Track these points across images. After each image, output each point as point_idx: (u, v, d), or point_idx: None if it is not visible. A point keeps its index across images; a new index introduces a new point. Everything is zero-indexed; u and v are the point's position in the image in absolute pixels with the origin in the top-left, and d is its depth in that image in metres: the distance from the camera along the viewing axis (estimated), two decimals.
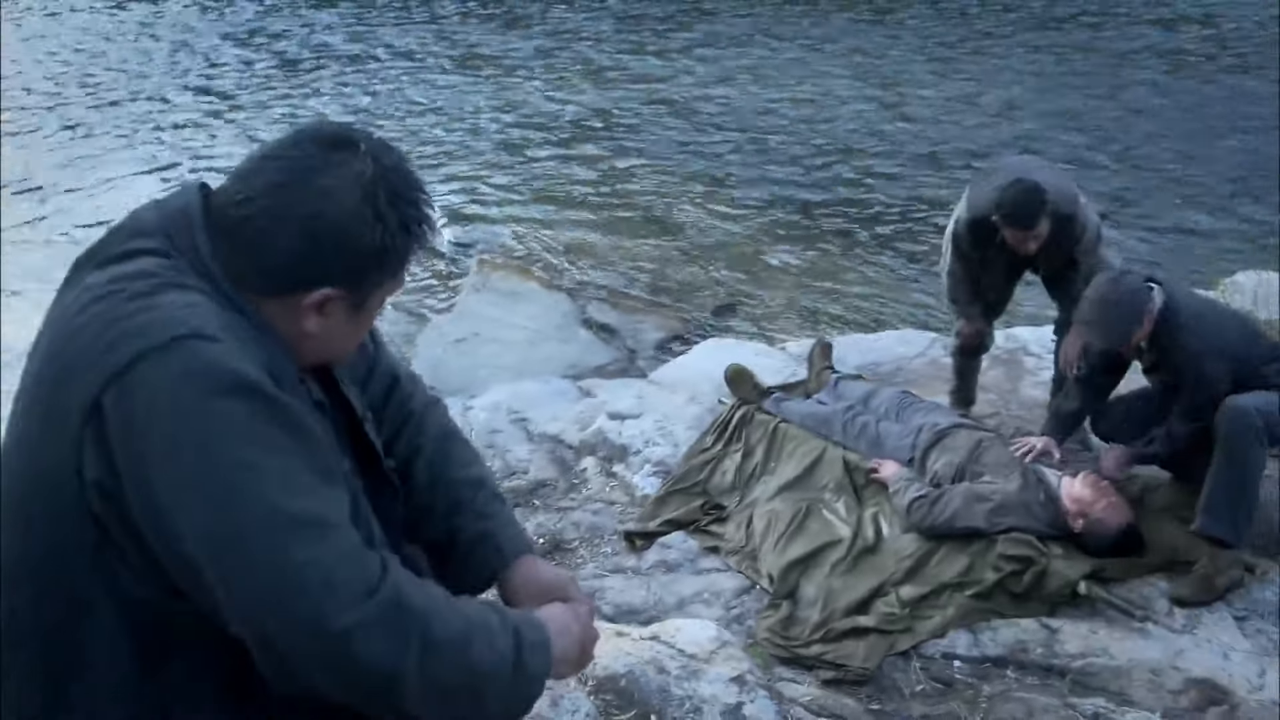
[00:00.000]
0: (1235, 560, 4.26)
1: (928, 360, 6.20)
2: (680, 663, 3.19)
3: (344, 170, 1.52)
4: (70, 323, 1.49)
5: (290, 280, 1.53)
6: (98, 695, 1.52)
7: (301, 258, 1.52)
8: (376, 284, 1.59)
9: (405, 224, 1.57)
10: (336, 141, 1.55)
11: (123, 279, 1.49)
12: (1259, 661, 3.99)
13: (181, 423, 1.39)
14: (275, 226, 1.51)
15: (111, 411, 1.39)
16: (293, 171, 1.52)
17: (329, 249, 1.52)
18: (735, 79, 14.38)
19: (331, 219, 1.51)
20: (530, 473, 5.30)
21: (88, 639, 1.50)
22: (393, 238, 1.55)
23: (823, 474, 4.94)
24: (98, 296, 1.48)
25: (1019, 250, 4.84)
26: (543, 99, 13.50)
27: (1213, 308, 4.63)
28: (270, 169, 1.53)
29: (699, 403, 5.67)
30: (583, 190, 10.62)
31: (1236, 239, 9.54)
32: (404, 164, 1.60)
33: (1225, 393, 4.23)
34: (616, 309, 7.84)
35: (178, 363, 1.40)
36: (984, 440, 4.79)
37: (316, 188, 1.50)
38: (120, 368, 1.40)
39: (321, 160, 1.52)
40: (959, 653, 4.06)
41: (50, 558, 1.48)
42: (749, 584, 4.47)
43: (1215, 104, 13.17)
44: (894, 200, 10.42)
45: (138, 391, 1.39)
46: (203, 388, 1.39)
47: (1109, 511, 4.37)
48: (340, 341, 1.65)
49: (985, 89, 13.80)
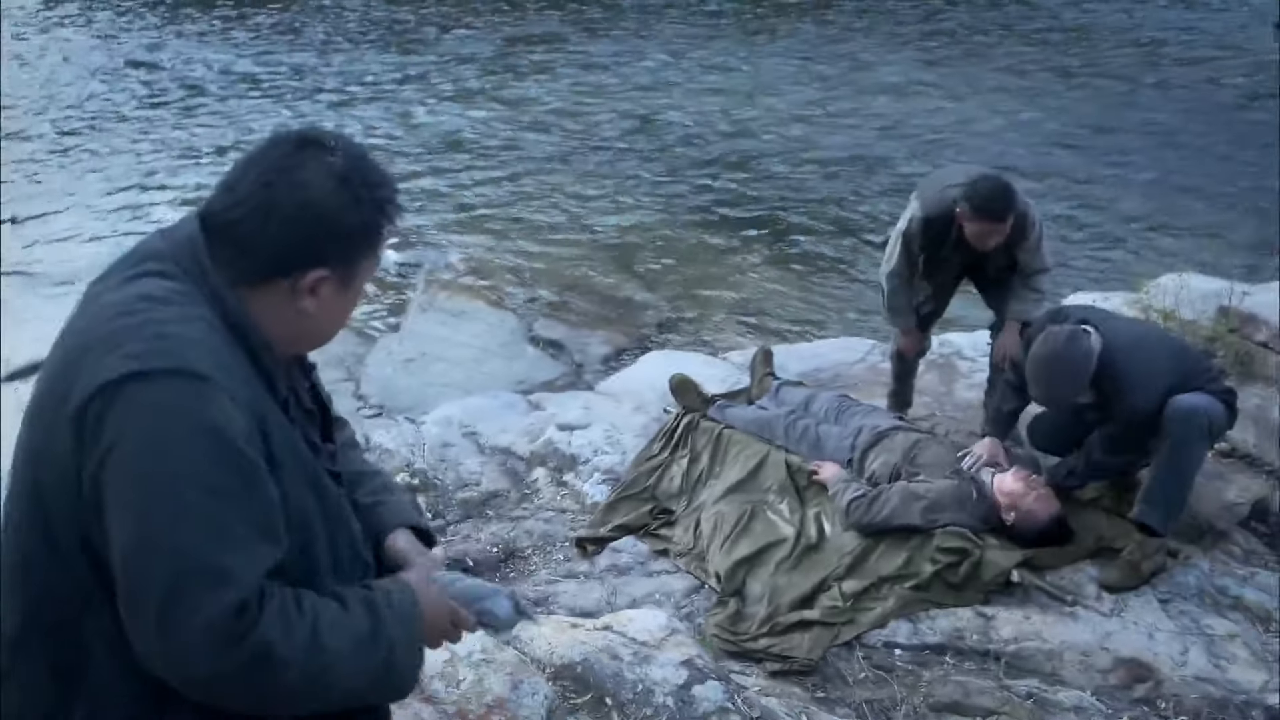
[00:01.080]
0: (1160, 546, 4.47)
1: (867, 366, 6.38)
2: (632, 650, 3.35)
3: (318, 164, 1.69)
4: (80, 338, 1.62)
5: (287, 265, 1.68)
6: (100, 692, 1.63)
7: (294, 242, 1.68)
8: (360, 261, 1.75)
9: (379, 204, 1.74)
10: (306, 141, 1.72)
11: (134, 299, 1.62)
12: (1182, 640, 4.20)
13: (144, 449, 1.52)
14: (266, 219, 1.67)
15: (92, 417, 1.53)
16: (273, 171, 1.68)
17: (318, 231, 1.68)
18: (667, 92, 14.53)
19: (316, 205, 1.67)
20: (482, 484, 5.41)
21: (90, 636, 1.61)
22: (372, 216, 1.73)
23: (766, 476, 5.10)
24: (110, 315, 1.61)
25: (979, 246, 4.91)
26: (468, 120, 13.54)
27: (1144, 340, 4.66)
28: (253, 173, 1.69)
29: (645, 412, 5.81)
30: (524, 210, 10.70)
31: (1167, 241, 9.88)
32: (369, 155, 1.78)
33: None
34: (562, 325, 7.99)
35: (160, 394, 1.53)
36: (920, 441, 4.97)
37: (297, 181, 1.67)
38: (109, 381, 1.53)
39: (297, 158, 1.69)
40: (900, 641, 4.23)
41: (53, 556, 1.60)
42: (698, 584, 4.62)
43: (1156, 112, 13.52)
44: (830, 212, 10.62)
45: (118, 408, 1.52)
46: (173, 425, 1.52)
47: (1038, 503, 4.57)
48: (332, 322, 1.79)
49: (912, 98, 14.08)
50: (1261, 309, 6.10)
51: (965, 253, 5.03)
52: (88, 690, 1.63)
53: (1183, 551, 4.59)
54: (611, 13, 18.64)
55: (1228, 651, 4.17)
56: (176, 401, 1.53)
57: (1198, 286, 6.35)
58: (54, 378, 1.62)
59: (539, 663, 3.31)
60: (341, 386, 6.93)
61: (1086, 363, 4.32)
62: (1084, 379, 4.35)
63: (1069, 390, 4.41)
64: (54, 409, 1.58)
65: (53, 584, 1.61)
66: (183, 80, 15.18)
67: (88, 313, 1.66)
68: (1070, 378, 4.35)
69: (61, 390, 1.57)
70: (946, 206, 4.91)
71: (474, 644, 3.28)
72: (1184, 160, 12.04)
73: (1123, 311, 5.95)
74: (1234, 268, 6.34)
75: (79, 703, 1.63)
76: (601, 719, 3.16)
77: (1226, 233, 9.87)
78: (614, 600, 4.45)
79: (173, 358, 1.54)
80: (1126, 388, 4.38)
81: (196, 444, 1.52)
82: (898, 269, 5.18)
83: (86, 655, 1.62)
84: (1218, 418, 4.44)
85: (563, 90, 14.67)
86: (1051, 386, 4.42)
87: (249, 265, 1.68)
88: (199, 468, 1.52)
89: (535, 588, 4.56)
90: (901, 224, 5.15)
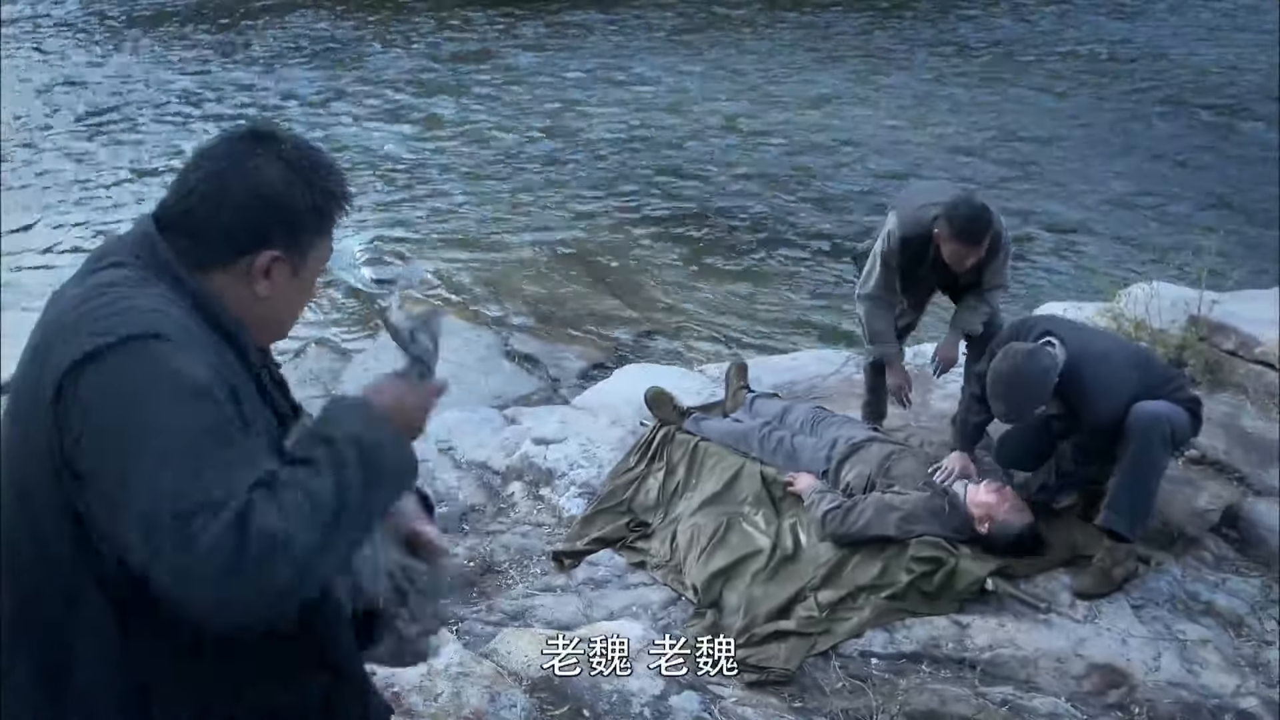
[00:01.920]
0: (1130, 552, 4.50)
1: (842, 378, 6.41)
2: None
3: (269, 152, 1.76)
4: (47, 331, 1.67)
5: (237, 246, 1.74)
6: (87, 691, 1.64)
7: (246, 225, 1.73)
8: (311, 244, 1.80)
9: (329, 189, 1.80)
10: (257, 134, 1.79)
11: (96, 286, 1.67)
12: (1155, 646, 4.23)
13: (114, 405, 1.54)
14: (218, 204, 1.73)
15: (69, 394, 1.56)
16: (224, 161, 1.75)
17: (268, 214, 1.74)
18: (638, 102, 14.58)
19: (267, 188, 1.73)
20: (459, 499, 5.42)
21: (76, 635, 1.63)
22: (321, 200, 1.79)
23: (742, 488, 5.12)
24: (74, 305, 1.66)
25: (955, 266, 4.94)
26: (420, 135, 13.53)
27: (1109, 350, 4.69)
28: (205, 164, 1.76)
29: (621, 425, 5.83)
30: (497, 225, 10.74)
31: (1138, 251, 9.98)
32: (318, 147, 1.85)
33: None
34: (538, 339, 8.00)
35: (126, 357, 1.56)
36: (894, 453, 5.00)
37: (249, 167, 1.74)
38: (81, 357, 1.56)
39: (247, 149, 1.76)
40: (876, 651, 4.26)
41: (40, 555, 1.63)
42: (675, 596, 4.64)
43: (1128, 124, 13.65)
44: (808, 225, 10.67)
45: (91, 378, 1.55)
46: (141, 378, 1.56)
47: (1011, 513, 4.60)
48: (287, 308, 1.84)
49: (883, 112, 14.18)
50: (1230, 318, 6.18)
51: (941, 271, 5.06)
52: (75, 690, 1.65)
53: (1155, 558, 4.63)
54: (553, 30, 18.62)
55: (1200, 656, 4.21)
56: (141, 359, 1.56)
57: (1167, 294, 6.42)
58: (26, 374, 1.66)
59: (517, 675, 3.32)
60: (319, 403, 6.90)
61: (1047, 377, 4.36)
62: (1044, 394, 4.39)
63: (1029, 406, 4.46)
64: (29, 402, 1.61)
65: (40, 584, 1.64)
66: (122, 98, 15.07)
67: (53, 309, 1.71)
68: (1030, 393, 4.40)
69: (34, 383, 1.61)
70: (925, 226, 4.93)
71: (452, 658, 3.30)
72: (1141, 169, 12.19)
73: (1094, 321, 6.02)
74: (1205, 276, 6.38)
75: (66, 703, 1.65)
76: None
77: (1195, 241, 9.97)
78: (591, 613, 4.46)
79: (135, 325, 1.59)
80: (1091, 398, 4.43)
81: (165, 390, 1.54)
82: (876, 290, 5.16)
83: (73, 655, 1.64)
84: (1179, 425, 4.48)
85: (516, 104, 14.65)
86: (1011, 402, 4.45)
87: (204, 251, 1.73)
88: (171, 410, 1.53)
89: (512, 601, 4.57)
90: (879, 245, 5.13)
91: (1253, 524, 4.83)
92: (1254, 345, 6.00)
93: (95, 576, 1.60)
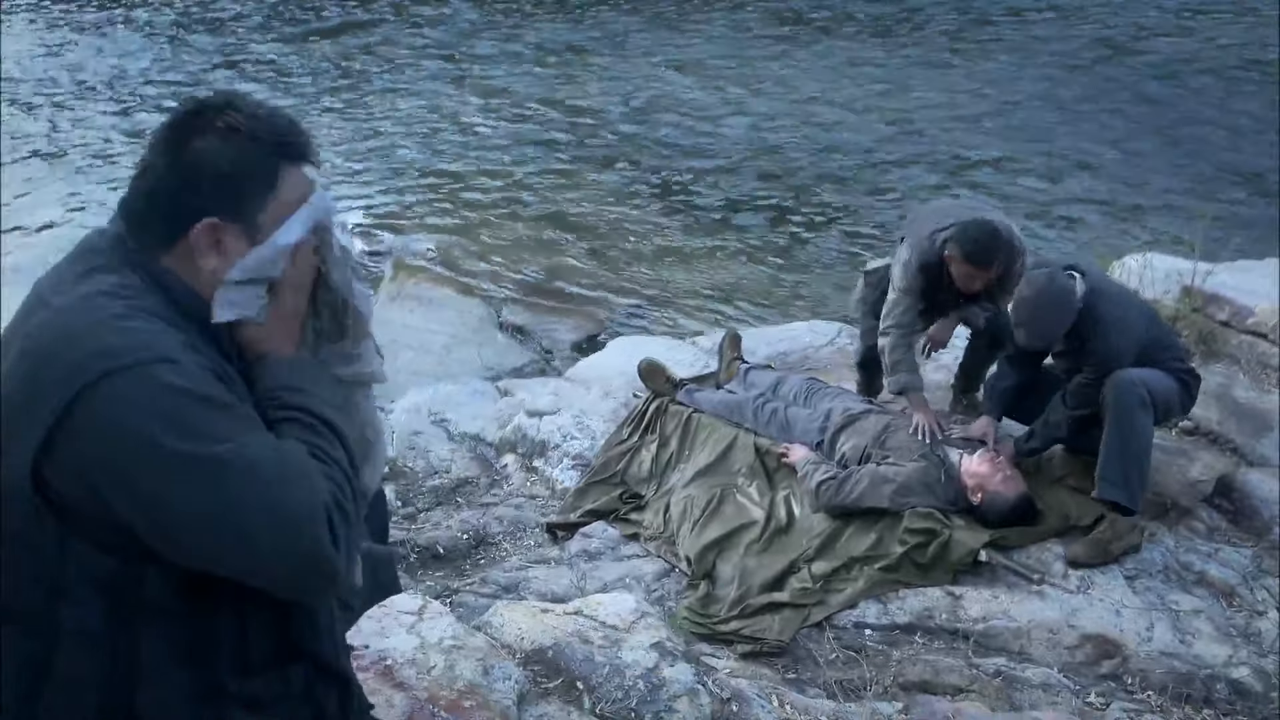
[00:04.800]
0: (1132, 527, 4.50)
1: (835, 349, 6.39)
2: (603, 634, 3.36)
3: (205, 123, 1.69)
4: (37, 339, 1.62)
5: (175, 222, 1.68)
6: (70, 681, 1.63)
7: (179, 196, 1.68)
8: (257, 203, 1.72)
9: (271, 144, 1.72)
10: (196, 108, 1.72)
11: (84, 299, 1.63)
12: (1148, 616, 4.24)
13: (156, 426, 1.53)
14: (154, 189, 1.69)
15: (81, 416, 1.53)
16: (162, 144, 1.70)
17: (200, 180, 1.67)
18: (629, 83, 14.53)
19: (201, 155, 1.67)
20: (452, 471, 5.42)
21: (63, 620, 1.61)
22: (262, 156, 1.71)
23: (735, 460, 5.12)
24: (66, 318, 1.62)
25: (965, 288, 4.91)
26: (438, 108, 13.50)
27: (1125, 294, 4.75)
28: (156, 148, 1.71)
29: (614, 397, 5.82)
30: (491, 197, 10.72)
31: (1128, 222, 9.98)
32: (269, 107, 1.77)
33: None
34: (530, 311, 7.99)
35: (144, 380, 1.54)
36: (891, 424, 4.99)
37: (181, 143, 1.69)
38: (90, 381, 1.53)
39: (184, 124, 1.70)
40: (869, 622, 4.27)
41: (23, 546, 1.61)
42: (669, 567, 4.64)
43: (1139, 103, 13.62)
44: (800, 198, 10.66)
45: (104, 402, 1.53)
46: (168, 398, 1.54)
47: (1005, 484, 4.60)
48: None
49: (885, 90, 14.13)
50: (1224, 288, 6.18)
51: (956, 291, 5.00)
52: (56, 679, 1.63)
53: (1148, 529, 4.63)
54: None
55: (1193, 627, 4.22)
56: (162, 384, 1.54)
57: (1161, 265, 6.42)
58: (11, 384, 1.62)
59: (510, 648, 3.32)
60: None
61: (1069, 299, 4.40)
62: (1068, 316, 4.41)
63: (1054, 327, 4.46)
64: (12, 416, 1.59)
65: (21, 575, 1.62)
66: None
67: (38, 317, 1.66)
68: (1054, 315, 4.43)
69: (23, 396, 1.58)
70: (938, 250, 4.85)
71: (445, 630, 3.29)
72: (1136, 140, 12.17)
73: None
74: (1199, 247, 6.39)
75: (47, 691, 1.64)
76: (573, 703, 3.17)
77: (1190, 211, 9.97)
78: (584, 585, 4.46)
79: (140, 349, 1.56)
80: (1104, 330, 4.44)
81: (196, 407, 1.55)
82: (901, 321, 5.04)
83: (55, 645, 1.62)
84: (1160, 391, 4.47)
85: (510, 77, 14.60)
86: (1036, 323, 4.47)
87: (153, 237, 1.69)
88: (209, 423, 1.55)
89: (506, 574, 4.57)
90: (898, 279, 5.00)
91: (1245, 495, 4.84)
92: (1247, 316, 6.00)
93: (81, 570, 1.59)
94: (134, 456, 1.53)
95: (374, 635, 3.17)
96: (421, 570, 4.62)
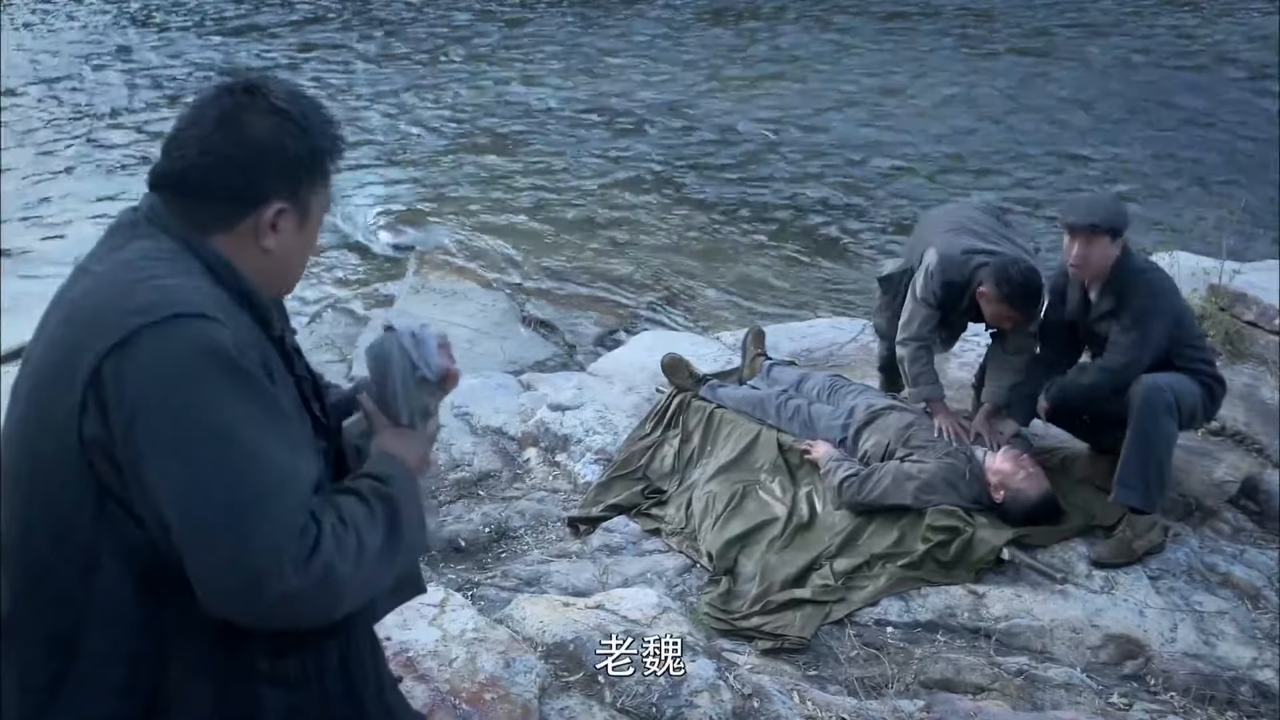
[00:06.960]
0: (1153, 524, 4.47)
1: (859, 346, 6.38)
2: (624, 628, 3.37)
3: (259, 103, 1.72)
4: (78, 309, 1.64)
5: (239, 204, 1.71)
6: (97, 661, 1.64)
7: (245, 180, 1.71)
8: (312, 190, 1.77)
9: (323, 135, 1.77)
10: (245, 86, 1.75)
11: (123, 264, 1.66)
12: (1171, 617, 4.22)
13: (171, 394, 1.54)
14: (214, 165, 1.70)
15: (110, 376, 1.55)
16: (214, 116, 1.72)
17: (265, 165, 1.71)
18: (652, 79, 14.53)
19: (257, 140, 1.70)
20: (475, 465, 5.42)
21: (89, 605, 1.62)
22: (315, 143, 1.76)
23: (758, 456, 5.11)
24: (106, 282, 1.64)
25: (993, 323, 4.88)
26: (466, 102, 13.52)
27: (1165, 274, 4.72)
28: (195, 126, 1.72)
29: (637, 392, 5.82)
30: (515, 192, 10.72)
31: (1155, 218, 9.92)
32: (306, 94, 1.81)
33: (1145, 365, 4.43)
34: (554, 305, 7.99)
35: (174, 337, 1.56)
36: (914, 422, 4.97)
37: (239, 121, 1.70)
38: (122, 339, 1.55)
39: (236, 102, 1.72)
40: (891, 619, 4.26)
41: (58, 519, 1.62)
42: (690, 563, 4.64)
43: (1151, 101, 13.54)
44: (826, 195, 10.64)
45: (136, 359, 1.54)
46: (194, 364, 1.55)
47: (1028, 482, 4.59)
48: (296, 258, 1.82)
49: (908, 88, 14.09)
50: (1251, 288, 6.14)
51: (975, 316, 4.98)
52: (84, 660, 1.64)
53: (1172, 529, 4.61)
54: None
55: (1217, 628, 4.20)
56: (192, 343, 1.56)
57: (1187, 264, 6.38)
58: (53, 351, 1.64)
59: (531, 641, 3.33)
60: (334, 368, 6.92)
61: (1123, 208, 4.58)
62: (1119, 219, 4.44)
63: (1106, 213, 4.44)
64: (53, 381, 1.60)
65: (52, 552, 1.63)
66: None
67: (80, 285, 1.69)
68: (1110, 205, 4.58)
69: (63, 362, 1.59)
70: (967, 274, 4.79)
71: (466, 623, 3.30)
72: (1164, 137, 12.11)
73: None
74: (1225, 245, 6.35)
75: (75, 673, 1.64)
76: (594, 696, 3.17)
77: (1217, 209, 9.91)
78: (606, 579, 4.46)
79: (176, 305, 1.58)
80: (1142, 285, 4.46)
81: (221, 378, 1.56)
82: (919, 331, 4.97)
83: (85, 623, 1.63)
84: (1185, 395, 4.44)
85: (537, 74, 14.62)
86: (1095, 203, 4.61)
87: (209, 214, 1.71)
88: (229, 401, 1.55)
89: (528, 567, 4.57)
90: (919, 286, 4.91)
91: (1271, 496, 4.82)
92: (1274, 316, 5.98)
93: (115, 547, 1.60)
94: (145, 409, 1.54)
95: (396, 627, 3.18)
96: (443, 563, 4.64)
